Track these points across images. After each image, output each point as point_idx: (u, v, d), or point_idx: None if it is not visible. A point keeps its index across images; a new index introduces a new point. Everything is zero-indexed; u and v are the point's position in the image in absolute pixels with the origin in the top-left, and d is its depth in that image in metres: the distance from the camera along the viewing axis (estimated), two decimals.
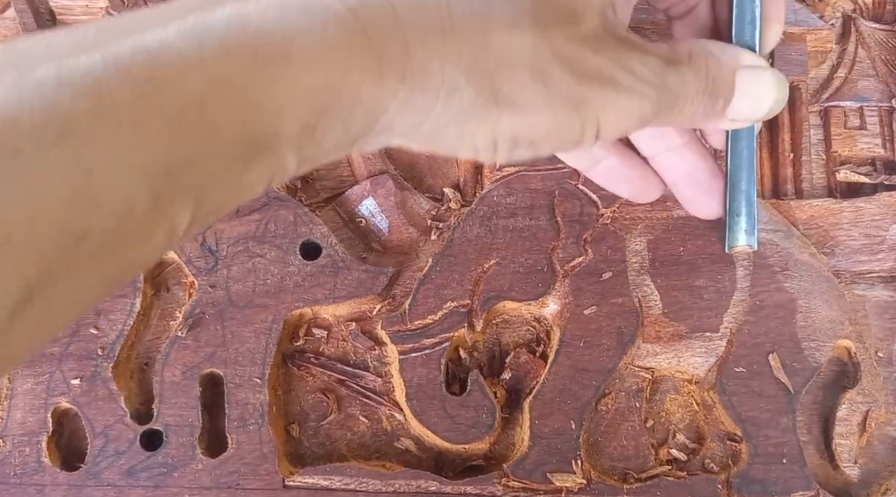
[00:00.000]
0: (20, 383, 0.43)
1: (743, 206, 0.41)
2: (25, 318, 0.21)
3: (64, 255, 0.21)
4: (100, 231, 0.21)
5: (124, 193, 0.22)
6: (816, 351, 0.43)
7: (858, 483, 0.43)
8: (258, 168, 0.25)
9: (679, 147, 0.40)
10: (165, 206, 0.23)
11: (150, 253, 0.24)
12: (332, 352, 0.45)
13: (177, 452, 0.42)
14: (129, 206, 0.22)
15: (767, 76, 0.36)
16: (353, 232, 0.47)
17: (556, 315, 0.44)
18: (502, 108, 0.28)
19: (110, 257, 0.22)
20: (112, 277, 0.23)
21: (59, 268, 0.21)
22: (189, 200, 0.23)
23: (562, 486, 0.41)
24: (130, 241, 0.23)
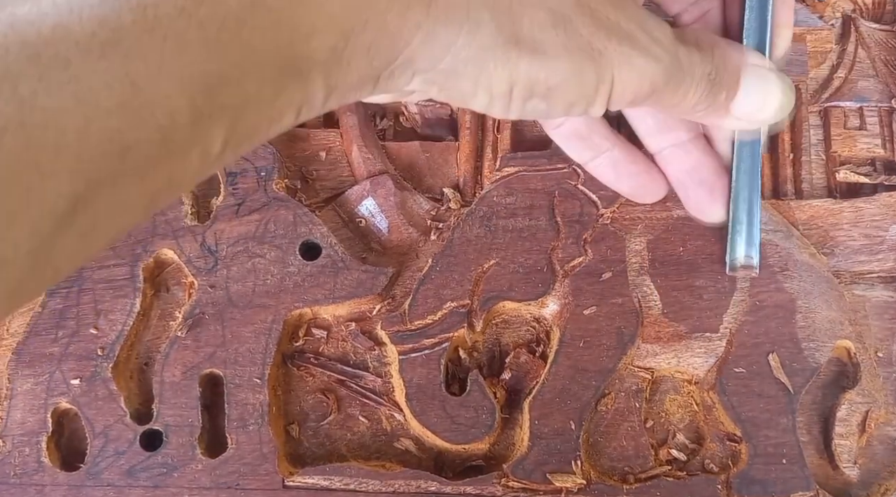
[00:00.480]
0: (20, 383, 0.43)
1: (744, 215, 0.41)
2: (70, 230, 0.21)
3: (110, 167, 0.21)
4: (144, 144, 0.22)
5: (168, 107, 0.22)
6: (816, 351, 0.43)
7: (858, 483, 0.43)
8: (289, 93, 0.25)
9: (685, 142, 0.40)
10: (203, 123, 0.23)
11: (185, 174, 0.24)
12: (331, 352, 0.45)
13: (177, 452, 0.42)
14: (171, 120, 0.22)
15: (774, 78, 0.36)
16: (352, 232, 0.47)
17: (555, 315, 0.44)
18: (521, 51, 0.28)
19: (152, 173, 0.23)
20: (151, 196, 0.24)
21: (105, 180, 0.22)
22: (224, 121, 0.24)
23: (561, 487, 0.41)
24: (170, 157, 0.23)
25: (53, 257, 0.22)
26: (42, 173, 0.20)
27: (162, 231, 0.46)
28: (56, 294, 0.45)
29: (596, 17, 0.30)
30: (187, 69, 0.22)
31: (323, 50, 0.25)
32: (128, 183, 0.22)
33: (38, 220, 0.20)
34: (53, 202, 0.21)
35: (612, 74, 0.30)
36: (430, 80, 0.29)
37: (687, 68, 0.33)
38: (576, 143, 0.41)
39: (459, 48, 0.28)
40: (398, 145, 0.50)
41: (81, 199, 0.21)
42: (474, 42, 0.28)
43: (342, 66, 0.26)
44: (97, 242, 0.23)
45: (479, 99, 0.30)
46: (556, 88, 0.30)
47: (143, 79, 0.22)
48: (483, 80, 0.29)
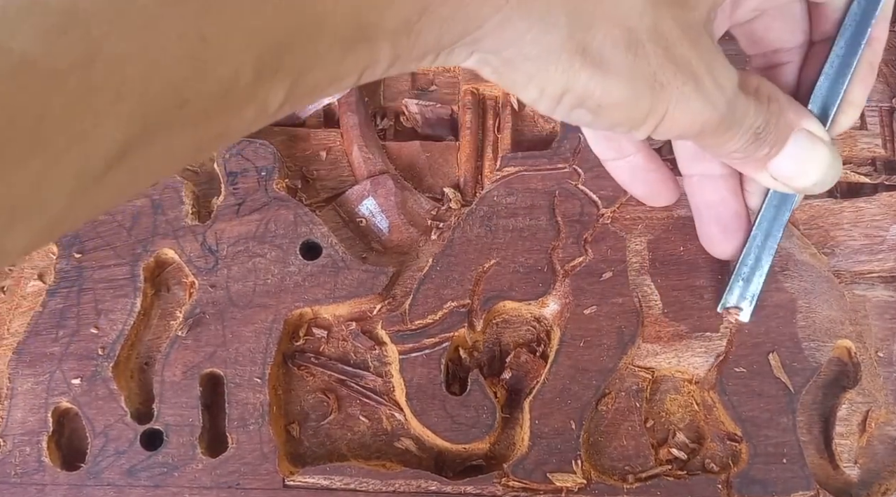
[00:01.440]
0: (20, 383, 0.43)
1: (749, 270, 0.41)
2: (116, 172, 0.21)
3: (166, 116, 0.21)
4: (204, 97, 0.22)
5: (233, 64, 0.22)
6: (816, 351, 0.43)
7: (858, 483, 0.43)
8: (355, 57, 0.25)
9: (717, 177, 0.40)
10: (266, 82, 0.23)
11: (239, 126, 0.24)
12: (332, 352, 0.45)
13: (177, 452, 0.42)
14: (234, 76, 0.22)
15: (824, 150, 0.35)
16: (353, 232, 0.47)
17: (556, 315, 0.44)
18: (585, 62, 0.28)
19: (205, 125, 0.23)
20: (201, 144, 0.24)
21: (160, 128, 0.22)
22: (287, 80, 0.24)
23: (562, 486, 0.41)
24: (227, 110, 0.23)
25: (96, 197, 0.22)
26: (99, 117, 0.20)
27: (162, 231, 0.46)
28: (56, 294, 0.45)
29: (669, 49, 0.29)
30: (259, 28, 0.22)
31: (396, 20, 0.25)
32: (180, 132, 0.22)
33: (88, 161, 0.20)
34: (106, 146, 0.21)
35: (666, 109, 0.30)
36: (489, 62, 0.28)
37: (738, 118, 0.32)
38: (603, 141, 0.41)
39: (527, 42, 0.27)
40: (399, 145, 0.50)
41: (132, 144, 0.21)
42: (543, 40, 0.27)
43: (411, 38, 0.26)
44: (139, 185, 0.24)
45: (529, 92, 0.29)
46: (607, 107, 0.29)
47: (213, 34, 0.21)
48: (539, 78, 0.28)
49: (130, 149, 0.21)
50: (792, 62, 0.38)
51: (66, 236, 0.45)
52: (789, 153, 0.35)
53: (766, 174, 0.36)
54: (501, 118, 0.50)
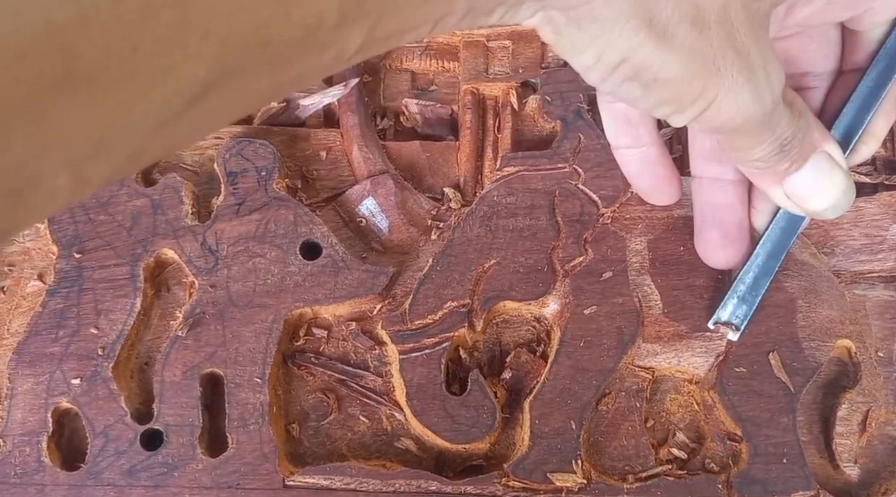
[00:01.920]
0: (20, 383, 0.43)
1: (746, 289, 0.41)
2: (197, 109, 0.22)
3: (249, 57, 0.22)
4: (287, 40, 0.22)
5: (318, 7, 0.22)
6: (817, 351, 0.43)
7: (858, 483, 0.43)
8: (433, 5, 0.25)
9: (727, 182, 0.40)
10: (347, 26, 0.23)
11: (317, 69, 0.24)
12: (332, 351, 0.45)
13: (177, 452, 0.42)
14: (318, 20, 0.22)
15: (841, 177, 0.36)
16: (353, 232, 0.47)
17: (556, 315, 0.44)
18: (650, 33, 0.28)
19: (286, 67, 0.23)
20: (278, 86, 0.24)
21: (241, 68, 0.22)
22: (366, 25, 0.24)
23: (562, 486, 0.41)
24: (307, 54, 0.23)
25: (175, 132, 0.22)
26: (186, 54, 0.20)
27: (162, 231, 0.46)
28: (57, 294, 0.45)
29: (732, 34, 0.29)
30: None
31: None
32: (261, 73, 0.23)
33: (172, 97, 0.21)
34: (190, 83, 0.21)
35: (716, 94, 0.30)
36: (553, 20, 0.28)
37: (774, 121, 0.32)
38: (620, 126, 0.40)
39: (598, 4, 0.27)
40: (399, 145, 0.50)
41: (215, 83, 0.21)
42: (615, 5, 0.27)
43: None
44: (217, 123, 0.24)
45: (586, 58, 0.29)
46: (660, 81, 0.29)
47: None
48: (600, 43, 0.28)
49: (212, 86, 0.21)
50: (819, 88, 0.38)
51: (65, 236, 0.45)
52: (808, 173, 0.35)
53: (781, 191, 0.36)
54: (501, 118, 0.50)
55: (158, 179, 0.47)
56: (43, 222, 0.46)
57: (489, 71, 0.50)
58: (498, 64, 0.51)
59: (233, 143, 0.47)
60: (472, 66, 0.50)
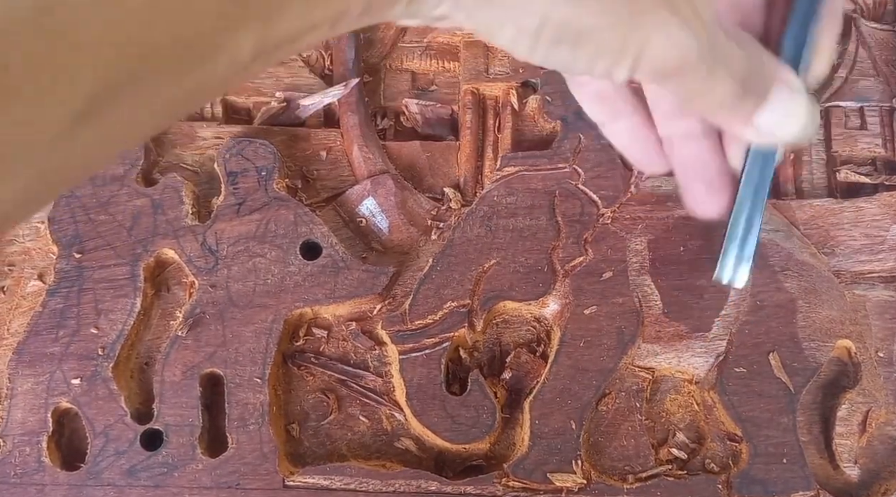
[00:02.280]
0: (20, 383, 0.43)
1: (742, 232, 0.40)
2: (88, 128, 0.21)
3: (131, 68, 0.21)
4: (168, 48, 0.22)
5: (194, 10, 0.22)
6: (817, 351, 0.43)
7: (858, 483, 0.43)
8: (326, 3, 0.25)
9: (697, 134, 0.39)
10: (231, 29, 0.23)
11: (212, 79, 0.24)
12: (332, 352, 0.45)
13: (177, 452, 0.42)
14: (197, 24, 0.22)
15: (803, 100, 0.36)
16: (353, 232, 0.47)
17: (556, 315, 0.44)
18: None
19: (177, 78, 0.23)
20: (177, 101, 0.23)
21: (126, 82, 0.21)
22: (255, 28, 0.23)
23: (562, 486, 0.41)
24: (196, 62, 0.23)
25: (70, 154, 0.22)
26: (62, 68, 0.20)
27: (162, 230, 0.46)
28: (56, 294, 0.45)
29: None
30: None
31: None
32: (151, 86, 0.22)
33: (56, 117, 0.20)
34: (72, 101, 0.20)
35: (646, 35, 0.30)
36: (462, 5, 0.28)
37: (721, 58, 0.32)
38: (598, 106, 0.40)
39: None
40: (399, 145, 0.50)
41: (100, 98, 0.21)
42: None
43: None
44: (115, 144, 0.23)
45: (506, 32, 0.29)
46: (586, 35, 0.29)
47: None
48: (515, 12, 0.28)
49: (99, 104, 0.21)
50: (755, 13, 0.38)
51: (66, 236, 0.45)
52: (772, 105, 0.35)
53: (752, 129, 0.36)
54: (501, 118, 0.50)
55: (159, 179, 0.47)
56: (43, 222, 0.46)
57: (489, 71, 0.50)
58: (498, 64, 0.51)
59: (233, 142, 0.47)
60: (473, 65, 0.50)
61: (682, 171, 0.41)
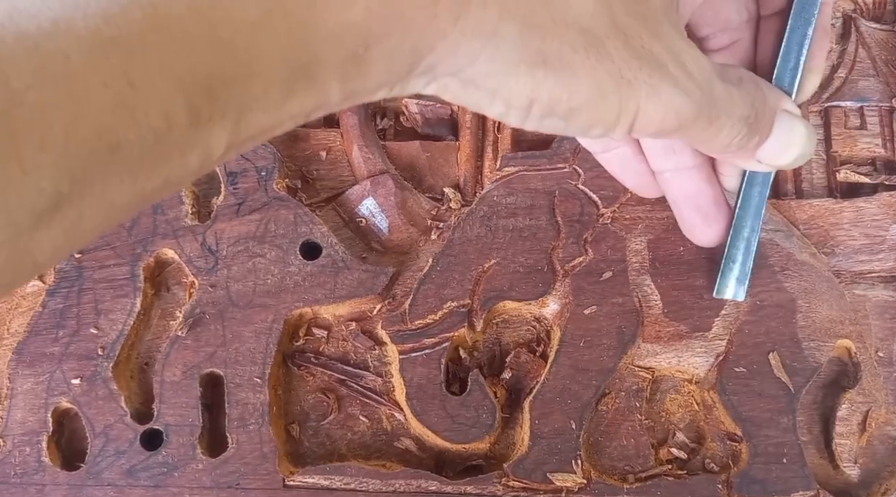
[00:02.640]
0: (20, 383, 0.43)
1: (741, 253, 0.41)
2: (52, 226, 0.21)
3: (98, 164, 0.21)
4: (136, 143, 0.21)
5: (164, 108, 0.22)
6: (816, 351, 0.43)
7: (858, 483, 0.43)
8: (301, 97, 0.25)
9: (689, 168, 0.40)
10: (204, 125, 0.23)
11: (183, 173, 0.24)
12: (332, 351, 0.45)
13: (177, 452, 0.42)
14: (167, 121, 0.22)
15: (801, 127, 0.36)
16: (353, 232, 0.47)
17: (556, 315, 0.44)
18: (547, 70, 0.27)
19: (144, 173, 0.22)
20: (143, 195, 0.23)
21: (93, 178, 0.21)
22: (227, 123, 0.23)
23: (562, 486, 0.41)
24: (166, 157, 0.22)
25: (32, 251, 0.21)
26: (23, 168, 0.19)
27: (162, 231, 0.46)
28: (56, 294, 0.45)
29: (630, 43, 0.28)
30: (190, 70, 0.22)
31: (340, 56, 0.25)
32: (117, 181, 0.22)
33: (16, 214, 0.20)
34: (34, 198, 0.20)
35: (637, 104, 0.29)
36: (448, 87, 0.28)
37: (723, 106, 0.32)
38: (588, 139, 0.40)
39: (482, 61, 0.27)
40: (398, 145, 0.50)
41: (65, 196, 0.21)
42: (498, 57, 0.27)
43: (360, 72, 0.25)
44: (82, 238, 0.23)
45: (496, 108, 0.29)
46: (577, 110, 0.29)
47: (141, 78, 0.21)
48: (502, 93, 0.28)
49: (64, 201, 0.21)
50: (744, 39, 0.39)
51: None
52: (775, 136, 0.35)
53: (753, 160, 0.36)
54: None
55: None
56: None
57: None
58: None
59: None
60: None
61: (677, 203, 0.41)
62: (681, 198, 0.41)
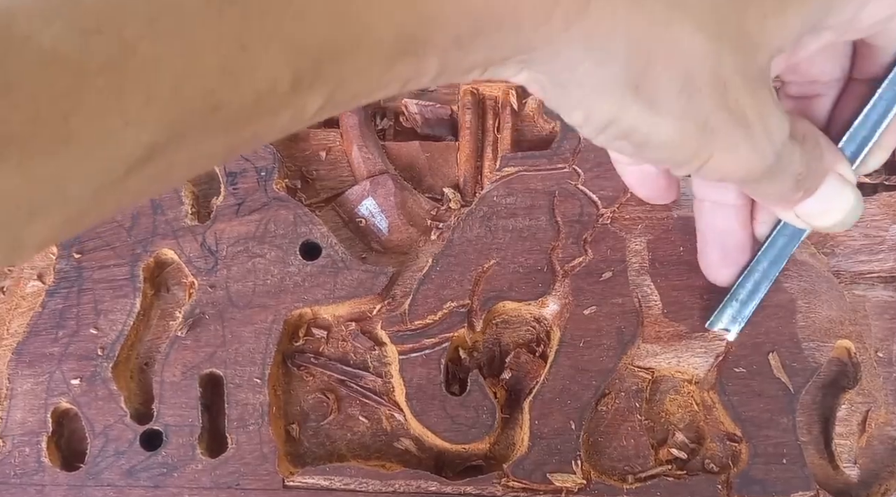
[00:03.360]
0: (20, 383, 0.43)
1: (746, 294, 0.41)
2: (141, 173, 0.21)
3: (196, 122, 0.21)
4: (237, 105, 0.21)
5: (270, 74, 0.21)
6: (816, 351, 0.43)
7: (858, 483, 0.43)
8: (399, 68, 0.24)
9: (729, 206, 0.40)
10: (303, 91, 0.23)
11: (273, 129, 0.24)
12: (331, 352, 0.45)
13: (177, 452, 0.42)
14: (270, 86, 0.22)
15: (850, 195, 0.35)
16: (353, 232, 0.47)
17: (555, 315, 0.44)
18: (637, 98, 0.27)
19: (238, 129, 0.22)
20: (233, 147, 0.23)
21: (189, 133, 0.21)
22: (325, 90, 0.23)
23: (562, 486, 0.41)
24: (261, 117, 0.22)
25: (118, 195, 0.21)
26: (126, 120, 0.20)
27: (162, 231, 0.46)
28: (56, 294, 0.45)
29: (725, 95, 0.28)
30: (301, 39, 0.22)
31: (446, 37, 0.24)
32: (211, 136, 0.22)
33: (112, 163, 0.20)
34: (131, 149, 0.20)
35: (711, 154, 0.29)
36: (539, 81, 0.28)
37: (784, 165, 0.32)
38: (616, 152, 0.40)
39: (581, 72, 0.27)
40: (398, 145, 0.50)
41: (160, 147, 0.21)
42: (598, 72, 0.27)
43: (460, 53, 0.25)
44: (166, 185, 0.23)
45: (575, 116, 0.29)
46: (651, 144, 0.29)
47: (254, 42, 0.21)
48: (587, 104, 0.28)
49: (157, 151, 0.21)
50: (827, 96, 0.38)
51: None
52: (819, 196, 0.35)
53: (791, 213, 0.36)
54: (501, 118, 0.50)
55: None
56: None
57: None
58: None
59: None
60: None
61: (704, 234, 0.41)
62: (709, 230, 0.41)
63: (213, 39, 0.20)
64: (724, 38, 0.27)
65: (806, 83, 0.38)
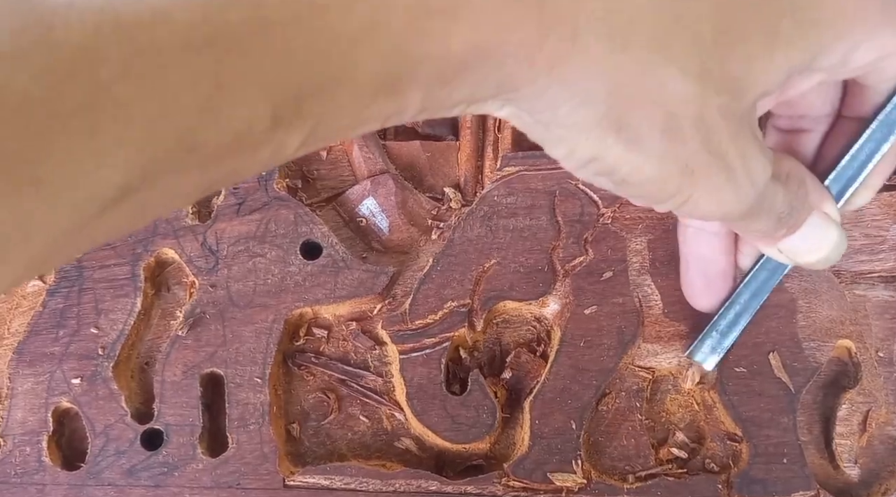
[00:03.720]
0: (21, 383, 0.43)
1: (726, 326, 0.41)
2: (115, 212, 0.21)
3: (172, 161, 0.21)
4: (214, 144, 0.21)
5: (248, 114, 0.21)
6: (817, 351, 0.43)
7: (858, 483, 0.43)
8: (382, 105, 0.24)
9: (713, 234, 0.40)
10: (282, 128, 0.22)
11: (251, 165, 0.23)
12: (332, 351, 0.45)
13: (177, 452, 0.42)
14: (248, 126, 0.21)
15: (834, 234, 0.36)
16: (353, 231, 0.47)
17: (556, 315, 0.44)
18: (619, 138, 0.27)
19: (215, 166, 0.22)
20: (211, 183, 0.23)
21: (164, 172, 0.21)
22: (306, 127, 0.23)
23: (562, 486, 0.41)
24: (239, 154, 0.22)
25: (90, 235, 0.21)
26: (98, 161, 0.19)
27: (163, 230, 0.46)
28: (57, 293, 0.45)
29: (708, 138, 0.28)
30: (282, 77, 0.21)
31: (430, 76, 0.24)
32: (187, 175, 0.21)
33: (84, 204, 0.20)
34: (103, 190, 0.20)
35: (691, 194, 0.29)
36: (521, 117, 0.28)
37: (766, 205, 0.32)
38: None
39: (563, 112, 0.27)
40: (399, 145, 0.50)
41: (133, 188, 0.20)
42: (579, 112, 0.27)
43: (444, 92, 0.25)
44: (142, 221, 0.23)
45: (558, 151, 0.29)
46: (632, 182, 0.29)
47: (231, 82, 0.20)
48: (569, 141, 0.28)
49: (131, 191, 0.20)
50: (816, 131, 0.38)
51: None
52: (803, 233, 0.35)
53: (773, 248, 0.36)
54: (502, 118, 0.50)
55: None
56: None
57: None
58: None
59: None
60: None
61: (687, 260, 0.41)
62: (692, 256, 0.41)
63: (190, 80, 0.20)
64: (709, 80, 0.27)
65: (795, 117, 0.38)
